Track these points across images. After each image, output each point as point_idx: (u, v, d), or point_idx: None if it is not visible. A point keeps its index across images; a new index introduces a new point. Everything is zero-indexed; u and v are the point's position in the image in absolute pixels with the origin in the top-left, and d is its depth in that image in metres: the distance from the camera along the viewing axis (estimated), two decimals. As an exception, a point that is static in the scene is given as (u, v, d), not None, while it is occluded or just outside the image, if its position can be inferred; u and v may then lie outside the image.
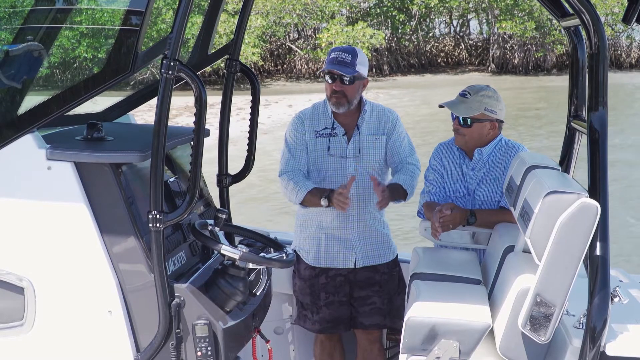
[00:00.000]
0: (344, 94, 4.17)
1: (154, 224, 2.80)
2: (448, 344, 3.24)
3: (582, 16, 3.12)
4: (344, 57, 4.16)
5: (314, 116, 4.32)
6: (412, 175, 4.31)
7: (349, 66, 4.14)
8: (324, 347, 4.48)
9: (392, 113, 4.40)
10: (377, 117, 4.33)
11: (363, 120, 4.29)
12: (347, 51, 4.19)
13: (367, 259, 4.31)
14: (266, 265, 3.19)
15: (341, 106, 4.19)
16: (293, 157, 4.28)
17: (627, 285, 3.57)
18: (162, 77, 2.73)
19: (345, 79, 4.14)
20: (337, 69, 4.13)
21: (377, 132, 4.30)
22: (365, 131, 4.28)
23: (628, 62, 39.15)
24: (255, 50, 30.72)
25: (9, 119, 3.14)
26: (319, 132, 4.28)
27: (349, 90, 4.17)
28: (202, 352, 2.94)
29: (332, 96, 4.19)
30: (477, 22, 40.48)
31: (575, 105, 3.71)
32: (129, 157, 2.99)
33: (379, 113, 4.35)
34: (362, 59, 4.20)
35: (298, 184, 4.17)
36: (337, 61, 4.16)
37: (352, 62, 4.15)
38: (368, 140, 4.27)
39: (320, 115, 4.32)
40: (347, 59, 4.15)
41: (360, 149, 4.25)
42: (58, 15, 3.63)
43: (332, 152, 4.25)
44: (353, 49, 4.24)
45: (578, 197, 2.92)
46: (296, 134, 4.31)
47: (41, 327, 2.97)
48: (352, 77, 4.14)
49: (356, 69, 4.15)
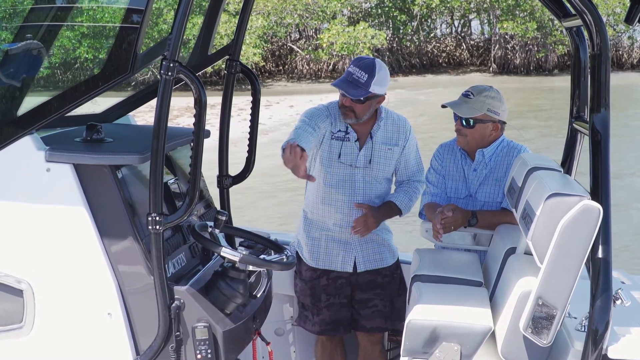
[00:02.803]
0: (352, 110, 4.09)
1: (153, 226, 2.78)
2: (449, 347, 3.23)
3: (584, 16, 3.10)
4: (359, 76, 3.98)
5: (329, 115, 4.18)
6: (412, 195, 4.29)
7: (362, 87, 3.97)
8: (325, 349, 4.47)
9: (406, 123, 4.31)
10: (392, 127, 4.24)
11: (378, 129, 4.20)
12: (365, 69, 3.98)
13: (368, 263, 4.29)
14: (266, 267, 3.17)
15: (348, 119, 4.12)
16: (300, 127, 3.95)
17: (629, 288, 3.55)
18: (162, 78, 2.72)
19: (356, 100, 4.03)
20: (346, 91, 3.99)
21: (391, 142, 4.23)
22: (379, 140, 4.20)
23: (630, 63, 39.15)
24: (256, 51, 30.72)
25: (8, 120, 3.13)
26: (335, 134, 4.18)
27: (358, 108, 4.07)
28: (202, 354, 2.93)
29: (341, 108, 4.13)
30: (479, 22, 40.47)
31: (577, 107, 3.70)
32: (129, 158, 2.98)
33: (394, 122, 4.26)
34: (380, 78, 3.99)
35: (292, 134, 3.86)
36: (351, 79, 4.00)
37: (366, 83, 3.97)
38: (380, 150, 4.20)
39: (338, 116, 4.19)
40: (362, 78, 3.97)
41: (371, 158, 4.19)
42: (57, 15, 3.61)
43: (343, 159, 4.18)
44: (373, 65, 4.00)
45: (580, 199, 2.91)
46: (314, 117, 4.07)
47: (40, 330, 2.96)
48: (364, 99, 4.02)
49: (369, 89, 3.98)
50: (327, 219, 4.26)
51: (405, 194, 4.29)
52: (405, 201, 4.27)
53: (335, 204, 4.21)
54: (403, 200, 4.26)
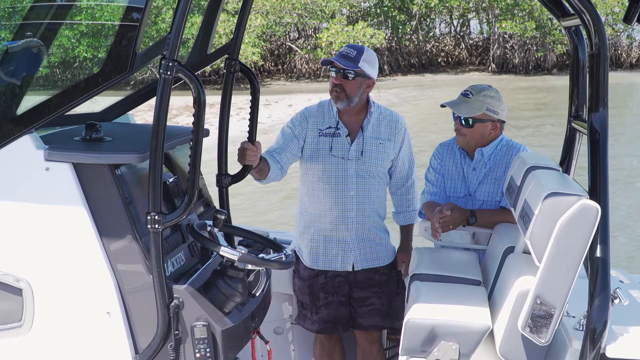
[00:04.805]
0: (343, 89, 4.13)
1: (152, 225, 2.78)
2: (448, 346, 3.24)
3: (582, 16, 3.11)
4: (349, 52, 4.14)
5: (319, 114, 4.28)
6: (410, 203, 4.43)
7: (352, 61, 4.11)
8: (324, 347, 4.47)
9: (400, 120, 4.34)
10: (385, 122, 4.28)
11: (368, 122, 4.24)
12: (354, 48, 4.17)
13: (365, 261, 4.29)
14: (265, 266, 3.17)
15: (339, 101, 4.16)
16: (276, 144, 4.25)
17: (627, 286, 3.56)
18: (161, 78, 2.72)
19: (346, 74, 4.11)
20: (338, 61, 4.12)
21: (383, 137, 4.25)
22: (370, 134, 4.23)
23: (628, 62, 39.16)
24: (255, 50, 30.70)
25: (7, 118, 3.12)
26: (323, 131, 4.24)
27: (348, 85, 4.13)
28: (201, 353, 2.93)
29: (333, 90, 4.17)
30: (478, 21, 40.48)
31: (575, 106, 3.70)
32: (128, 157, 2.98)
33: (387, 118, 4.29)
34: (368, 57, 4.15)
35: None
36: (341, 55, 4.16)
37: (355, 58, 4.11)
38: (372, 144, 4.22)
39: (326, 113, 4.28)
40: (351, 54, 4.13)
41: (363, 151, 4.21)
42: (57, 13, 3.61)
43: (335, 152, 4.21)
44: (362, 47, 4.20)
45: (578, 198, 2.91)
46: (293, 129, 4.27)
47: (39, 329, 2.96)
48: (353, 72, 4.11)
49: (359, 64, 4.11)
50: (322, 217, 4.26)
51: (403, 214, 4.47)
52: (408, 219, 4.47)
53: (329, 200, 4.21)
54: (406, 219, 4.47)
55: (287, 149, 4.23)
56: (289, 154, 4.22)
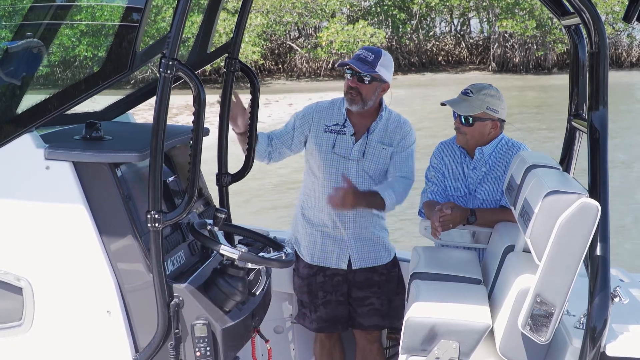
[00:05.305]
0: (359, 92, 4.13)
1: (152, 223, 2.78)
2: (448, 345, 3.24)
3: (582, 15, 3.11)
4: (367, 55, 4.14)
5: (329, 110, 4.30)
6: (392, 183, 4.16)
7: (369, 65, 4.11)
8: (324, 346, 4.47)
9: (411, 133, 4.27)
10: (393, 128, 4.25)
11: (377, 126, 4.23)
12: (372, 51, 4.17)
13: (363, 260, 4.30)
14: (265, 265, 3.17)
15: (354, 104, 4.15)
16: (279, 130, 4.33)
17: (627, 285, 3.56)
18: (161, 76, 2.72)
19: (363, 77, 4.10)
20: (355, 64, 4.11)
21: (387, 142, 4.23)
22: (376, 137, 4.22)
23: (629, 61, 39.16)
24: (255, 49, 30.70)
25: (7, 117, 3.13)
26: (329, 127, 4.24)
27: (364, 89, 4.12)
28: (201, 352, 2.93)
29: (348, 92, 4.17)
30: (478, 20, 40.48)
31: (575, 104, 3.70)
32: (128, 156, 2.98)
33: (397, 124, 4.27)
34: (385, 61, 4.15)
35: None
36: (358, 58, 4.15)
37: (372, 62, 4.11)
38: (375, 147, 4.21)
39: (335, 110, 4.29)
40: (369, 57, 4.13)
41: (365, 152, 4.21)
42: (57, 13, 3.61)
43: (337, 150, 4.22)
44: (380, 50, 4.20)
45: (578, 197, 2.91)
46: (295, 120, 4.33)
47: (39, 328, 2.96)
48: (370, 77, 4.10)
49: (376, 69, 4.10)
50: (322, 213, 4.27)
51: (385, 183, 4.20)
52: (383, 186, 4.14)
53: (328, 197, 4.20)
54: (383, 187, 4.13)
55: (282, 137, 4.30)
56: (282, 141, 4.29)
